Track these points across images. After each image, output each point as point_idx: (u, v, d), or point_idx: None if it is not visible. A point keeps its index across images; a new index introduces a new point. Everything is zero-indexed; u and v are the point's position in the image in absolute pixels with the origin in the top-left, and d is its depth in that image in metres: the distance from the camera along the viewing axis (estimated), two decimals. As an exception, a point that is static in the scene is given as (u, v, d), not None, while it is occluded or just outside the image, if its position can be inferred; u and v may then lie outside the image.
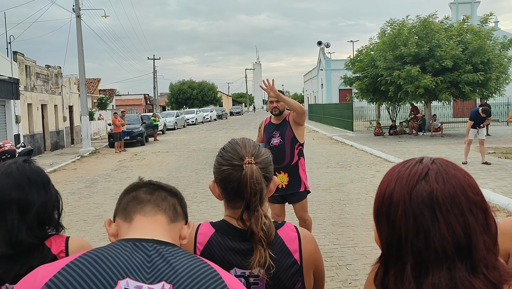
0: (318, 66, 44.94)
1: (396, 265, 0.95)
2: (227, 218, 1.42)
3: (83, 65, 20.81)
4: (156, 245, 1.00)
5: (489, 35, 18.86)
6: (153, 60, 53.57)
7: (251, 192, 1.33)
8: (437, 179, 0.93)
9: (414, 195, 0.93)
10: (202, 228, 1.42)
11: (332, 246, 5.66)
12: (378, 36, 21.33)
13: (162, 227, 1.10)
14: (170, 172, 12.54)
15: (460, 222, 0.90)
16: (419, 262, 0.92)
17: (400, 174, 0.98)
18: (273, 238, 1.35)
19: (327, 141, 20.47)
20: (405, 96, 19.19)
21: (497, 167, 10.86)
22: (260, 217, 1.33)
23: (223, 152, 1.44)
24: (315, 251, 1.44)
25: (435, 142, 17.45)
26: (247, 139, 1.49)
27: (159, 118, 28.66)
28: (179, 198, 1.20)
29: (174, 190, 1.20)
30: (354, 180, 10.19)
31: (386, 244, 0.98)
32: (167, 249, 1.00)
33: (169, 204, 1.15)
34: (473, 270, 0.90)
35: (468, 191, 0.93)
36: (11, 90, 17.43)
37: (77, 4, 21.02)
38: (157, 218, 1.11)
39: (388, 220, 0.96)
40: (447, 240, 0.90)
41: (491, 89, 19.06)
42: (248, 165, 1.36)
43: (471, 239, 0.90)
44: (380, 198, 0.99)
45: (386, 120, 27.05)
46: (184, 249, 1.06)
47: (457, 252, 0.90)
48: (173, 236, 1.11)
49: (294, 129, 4.55)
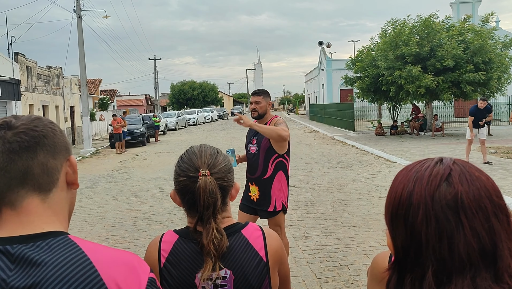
0: (319, 66, 44.93)
1: (414, 272, 0.88)
2: (190, 224, 1.43)
3: (84, 65, 20.82)
4: (22, 245, 0.84)
5: (491, 34, 18.83)
6: (154, 61, 53.64)
7: (204, 205, 1.34)
8: (461, 180, 0.87)
9: (437, 197, 0.86)
10: (165, 236, 1.43)
11: (333, 246, 5.65)
12: (379, 36, 21.32)
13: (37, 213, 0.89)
14: (171, 173, 12.48)
15: (486, 227, 0.85)
16: (441, 269, 0.86)
17: (419, 174, 0.91)
18: (224, 250, 1.34)
19: (328, 141, 20.46)
20: (406, 96, 19.17)
21: (498, 166, 10.84)
22: (211, 230, 1.33)
23: (180, 162, 1.44)
24: (280, 247, 1.46)
25: (436, 142, 17.43)
26: (205, 146, 1.48)
27: (160, 119, 28.65)
28: (44, 137, 0.91)
29: (29, 131, 0.90)
30: (356, 180, 10.18)
31: (402, 249, 0.91)
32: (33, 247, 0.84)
33: (33, 171, 0.89)
34: (497, 279, 0.84)
35: (493, 194, 0.88)
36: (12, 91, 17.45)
37: (78, 5, 21.05)
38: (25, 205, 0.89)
39: (405, 223, 0.89)
40: (472, 246, 0.84)
41: (493, 89, 19.05)
42: (202, 178, 1.35)
43: (496, 246, 0.85)
44: (396, 200, 0.92)
45: (387, 120, 27.04)
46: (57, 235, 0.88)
47: (482, 259, 0.84)
48: (57, 206, 0.92)
49: (272, 140, 3.91)
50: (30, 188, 0.89)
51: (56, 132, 0.94)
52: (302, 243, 5.84)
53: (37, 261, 0.83)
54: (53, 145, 0.92)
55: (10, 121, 0.90)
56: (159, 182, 11.08)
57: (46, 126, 0.93)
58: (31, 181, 0.88)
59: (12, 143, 0.87)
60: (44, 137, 0.91)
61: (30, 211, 0.89)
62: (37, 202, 0.89)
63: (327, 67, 40.24)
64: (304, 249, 5.61)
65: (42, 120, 0.94)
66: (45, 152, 0.90)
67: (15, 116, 0.93)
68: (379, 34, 21.37)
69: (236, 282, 1.36)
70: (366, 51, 21.93)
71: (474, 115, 11.05)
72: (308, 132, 26.65)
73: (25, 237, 0.86)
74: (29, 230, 0.87)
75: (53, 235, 0.87)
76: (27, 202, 0.89)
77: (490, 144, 14.80)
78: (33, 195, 0.89)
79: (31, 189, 0.89)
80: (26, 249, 0.83)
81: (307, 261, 5.19)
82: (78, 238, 0.90)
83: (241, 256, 1.37)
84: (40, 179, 0.89)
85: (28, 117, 0.94)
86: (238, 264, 1.36)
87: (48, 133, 0.92)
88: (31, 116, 0.94)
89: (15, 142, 0.87)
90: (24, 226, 0.87)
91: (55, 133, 0.94)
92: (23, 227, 0.87)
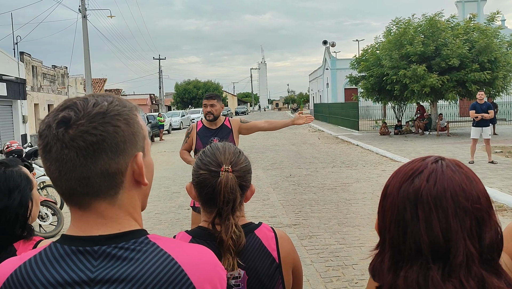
0: (323, 65, 44.85)
1: (381, 255, 1.00)
2: (203, 224, 1.43)
3: (89, 65, 20.90)
4: (105, 247, 0.83)
5: (496, 33, 18.73)
6: (159, 60, 53.76)
7: (224, 200, 1.34)
8: (428, 178, 0.94)
9: (402, 189, 0.96)
10: (178, 237, 1.43)
11: (338, 246, 5.65)
12: (383, 35, 21.27)
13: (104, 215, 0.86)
14: (176, 172, 12.56)
15: (443, 224, 0.90)
16: (396, 255, 0.95)
17: (401, 169, 1.01)
18: (242, 247, 1.35)
19: (332, 141, 20.43)
20: (411, 95, 19.11)
21: (504, 166, 10.78)
22: (230, 226, 1.34)
23: (203, 156, 1.44)
24: (292, 250, 1.47)
25: (441, 141, 17.36)
26: (229, 144, 1.48)
27: (164, 118, 28.73)
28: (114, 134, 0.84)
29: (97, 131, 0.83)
30: (360, 179, 10.16)
31: (379, 232, 1.03)
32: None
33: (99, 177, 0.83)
34: (449, 274, 0.89)
35: (460, 195, 0.91)
36: (18, 90, 17.54)
37: (83, 4, 21.13)
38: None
39: (382, 210, 1.01)
40: (423, 239, 0.91)
41: (498, 88, 18.94)
42: (224, 173, 1.36)
43: (450, 243, 0.89)
44: (383, 190, 1.03)
45: (392, 120, 26.96)
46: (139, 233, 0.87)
47: (432, 252, 0.90)
48: (129, 206, 0.89)
49: (235, 137, 4.42)
50: (93, 194, 0.84)
51: (119, 129, 0.84)
52: (306, 242, 5.84)
53: (121, 256, 0.81)
54: (115, 147, 0.83)
55: (69, 117, 0.82)
56: (163, 181, 11.11)
57: (108, 124, 0.83)
58: (91, 189, 0.83)
59: (70, 150, 0.81)
60: (104, 140, 0.82)
61: (101, 214, 0.85)
62: (104, 205, 0.85)
63: (331, 67, 40.17)
64: (309, 248, 5.61)
65: (104, 114, 0.83)
66: (105, 157, 0.82)
67: (75, 106, 0.84)
68: (383, 33, 21.32)
69: (249, 282, 1.36)
70: (371, 51, 21.87)
71: (474, 108, 11.13)
72: (312, 132, 26.62)
73: (105, 237, 0.83)
74: (106, 231, 0.84)
75: (134, 236, 0.85)
76: (94, 206, 0.85)
77: (495, 143, 14.72)
78: (98, 200, 0.85)
79: (94, 195, 0.84)
80: (108, 249, 0.82)
81: (312, 260, 5.19)
82: (155, 236, 0.87)
83: (254, 256, 1.37)
84: (101, 186, 0.83)
85: (89, 109, 0.83)
86: (251, 264, 1.36)
87: (109, 134, 0.82)
88: (92, 109, 0.83)
89: (72, 149, 0.81)
90: (99, 226, 0.85)
91: (117, 131, 0.84)
92: (98, 228, 0.85)
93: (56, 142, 0.81)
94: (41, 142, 0.84)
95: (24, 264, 0.83)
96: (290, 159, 14.10)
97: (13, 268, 0.83)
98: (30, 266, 0.82)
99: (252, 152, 16.27)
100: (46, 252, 0.84)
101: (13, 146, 7.46)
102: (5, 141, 13.29)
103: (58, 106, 0.87)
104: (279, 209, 7.72)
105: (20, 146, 7.78)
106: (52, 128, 0.82)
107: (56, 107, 0.87)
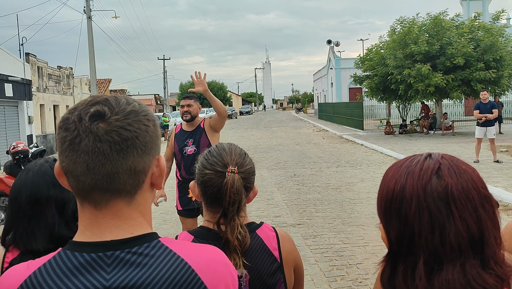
0: (327, 64, 44.79)
1: (406, 262, 0.93)
2: (205, 223, 1.43)
3: (94, 65, 21.00)
4: (119, 251, 0.82)
5: (501, 32, 18.65)
6: (163, 60, 53.87)
7: (230, 201, 1.35)
8: (450, 173, 0.92)
9: (429, 189, 0.91)
10: (180, 237, 1.43)
11: (342, 245, 5.65)
12: (388, 34, 21.21)
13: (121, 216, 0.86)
14: (181, 172, 12.61)
15: (474, 216, 0.90)
16: (433, 258, 0.90)
17: (410, 169, 0.96)
18: (247, 247, 1.36)
19: (337, 140, 20.41)
20: (415, 94, 19.06)
21: (509, 165, 10.74)
22: (236, 227, 1.35)
23: (208, 155, 1.44)
24: (294, 249, 1.48)
25: (446, 140, 17.31)
26: (235, 146, 1.49)
27: (169, 118, 28.78)
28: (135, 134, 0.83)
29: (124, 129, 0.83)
30: (365, 179, 10.16)
31: (396, 241, 0.95)
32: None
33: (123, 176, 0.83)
34: (484, 266, 0.89)
35: (479, 186, 0.93)
36: (23, 91, 17.66)
37: (88, 5, 21.23)
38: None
39: (399, 216, 0.93)
40: (462, 235, 0.89)
41: (503, 87, 18.86)
42: (230, 174, 1.37)
43: (483, 234, 0.90)
44: (389, 194, 0.96)
45: (396, 119, 26.89)
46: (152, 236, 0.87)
47: (471, 247, 0.89)
48: (143, 207, 0.89)
49: (209, 136, 4.25)
50: (115, 191, 0.83)
51: (149, 128, 0.85)
52: (310, 242, 5.86)
53: (135, 261, 0.81)
54: (144, 145, 0.84)
55: (104, 112, 0.81)
56: (168, 181, 11.11)
57: (141, 122, 0.84)
58: (117, 185, 0.83)
59: (103, 143, 0.80)
60: (137, 137, 0.82)
61: (116, 213, 0.85)
62: (122, 205, 0.85)
63: (335, 66, 40.11)
64: (313, 248, 5.62)
65: (137, 113, 0.84)
66: (135, 154, 0.83)
67: (107, 102, 0.84)
68: (388, 33, 21.26)
69: (251, 282, 1.37)
70: (375, 50, 21.82)
71: (478, 108, 11.10)
72: (317, 131, 26.60)
73: (118, 242, 0.83)
74: (118, 234, 0.84)
75: (147, 240, 0.85)
76: (112, 205, 0.84)
77: (500, 142, 14.66)
78: (118, 198, 0.84)
79: (116, 192, 0.83)
80: (122, 254, 0.82)
81: (316, 260, 5.20)
82: (167, 239, 0.88)
83: (256, 255, 1.39)
84: (126, 184, 0.83)
85: (123, 106, 0.84)
86: (253, 264, 1.38)
87: (142, 132, 0.83)
88: (126, 107, 0.84)
89: (106, 143, 0.80)
90: (112, 229, 0.84)
91: (148, 130, 0.85)
92: (111, 230, 0.84)
93: (89, 134, 0.80)
94: (69, 134, 0.81)
95: (34, 274, 0.81)
96: (295, 159, 14.11)
97: (23, 278, 0.81)
98: (41, 275, 0.81)
99: (256, 152, 16.29)
100: (56, 260, 0.82)
101: (19, 147, 7.51)
102: (11, 141, 13.38)
103: (84, 101, 0.85)
104: (284, 208, 7.74)
105: (26, 146, 7.83)
106: (84, 120, 0.81)
107: (80, 102, 0.86)
